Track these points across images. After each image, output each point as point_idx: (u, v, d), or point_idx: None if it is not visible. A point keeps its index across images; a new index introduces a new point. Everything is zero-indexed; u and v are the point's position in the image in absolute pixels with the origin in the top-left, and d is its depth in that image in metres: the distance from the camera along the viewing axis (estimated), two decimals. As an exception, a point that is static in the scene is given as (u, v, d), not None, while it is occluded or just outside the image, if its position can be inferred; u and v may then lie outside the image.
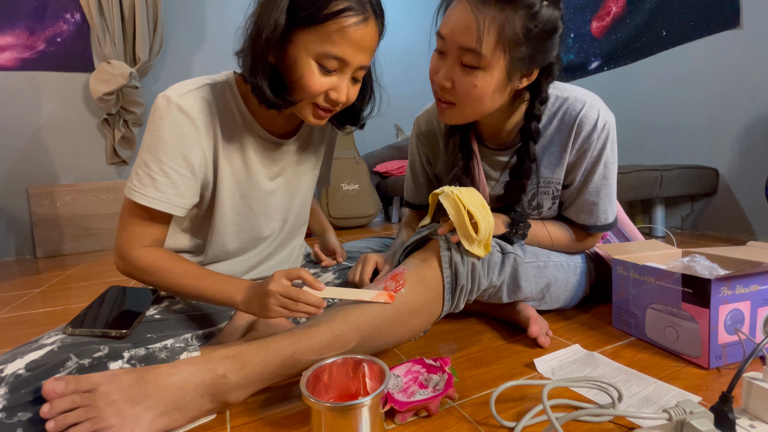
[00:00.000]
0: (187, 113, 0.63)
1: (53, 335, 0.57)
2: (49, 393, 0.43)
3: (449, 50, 0.65)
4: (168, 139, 0.62)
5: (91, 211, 2.31)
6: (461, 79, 0.65)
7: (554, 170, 0.78)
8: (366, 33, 0.60)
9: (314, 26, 0.57)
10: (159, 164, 0.62)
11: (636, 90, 2.09)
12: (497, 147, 0.81)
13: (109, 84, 2.21)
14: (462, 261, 0.66)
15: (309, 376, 0.48)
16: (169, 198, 0.63)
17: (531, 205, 0.82)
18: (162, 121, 0.62)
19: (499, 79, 0.64)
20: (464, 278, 0.66)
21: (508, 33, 0.60)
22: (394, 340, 0.64)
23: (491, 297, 0.74)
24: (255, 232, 0.77)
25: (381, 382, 0.49)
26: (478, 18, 0.59)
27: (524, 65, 0.64)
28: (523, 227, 0.76)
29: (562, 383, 0.51)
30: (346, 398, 0.52)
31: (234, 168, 0.70)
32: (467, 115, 0.70)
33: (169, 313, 0.69)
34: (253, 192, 0.73)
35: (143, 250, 0.63)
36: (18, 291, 1.44)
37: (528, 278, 0.74)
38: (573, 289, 0.83)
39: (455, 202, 0.64)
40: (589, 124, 0.72)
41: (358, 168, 2.76)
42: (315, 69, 0.60)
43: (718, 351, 0.61)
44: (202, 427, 0.53)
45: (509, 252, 0.72)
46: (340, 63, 0.60)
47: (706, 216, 1.86)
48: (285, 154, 0.76)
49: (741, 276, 0.61)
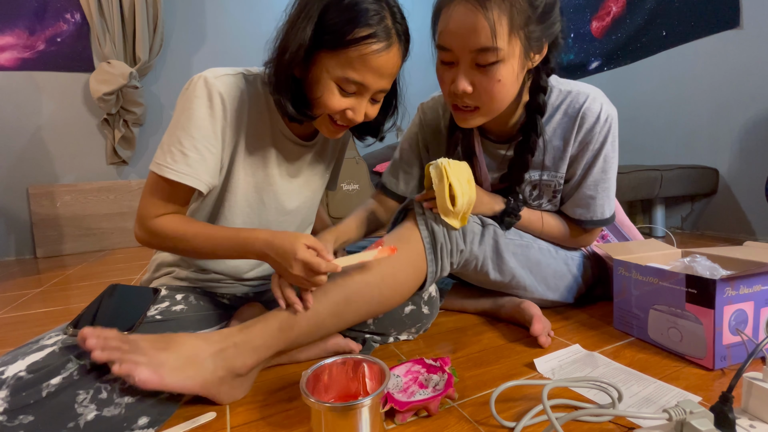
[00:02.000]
0: (221, 94, 0.64)
1: (54, 336, 0.56)
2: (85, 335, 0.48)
3: (460, 57, 0.63)
4: (202, 116, 0.63)
5: (91, 211, 2.31)
6: (482, 79, 0.63)
7: (557, 164, 0.78)
8: (388, 60, 0.60)
9: (337, 50, 0.59)
10: (192, 141, 0.63)
11: (636, 90, 2.09)
12: (499, 139, 0.81)
13: (109, 84, 2.21)
14: (436, 222, 0.68)
15: (309, 376, 0.48)
16: (200, 174, 0.64)
17: (531, 196, 0.82)
18: (198, 100, 0.63)
19: (518, 65, 0.63)
20: (441, 236, 0.68)
21: (517, 16, 0.59)
22: (386, 297, 0.66)
23: (479, 271, 0.75)
24: (262, 227, 0.77)
25: (381, 383, 0.49)
26: (486, 14, 0.58)
27: (537, 42, 0.64)
28: (510, 218, 0.77)
29: (562, 383, 0.51)
30: (346, 398, 0.52)
31: (254, 158, 0.71)
32: (492, 114, 0.70)
33: (169, 314, 0.69)
34: (268, 186, 0.74)
35: (161, 218, 0.65)
36: (18, 291, 1.44)
37: (509, 251, 0.75)
38: (568, 280, 0.83)
39: (441, 173, 0.65)
40: (593, 117, 0.72)
41: (358, 168, 2.77)
42: (335, 90, 0.61)
43: (722, 352, 0.61)
44: (203, 427, 0.53)
45: (488, 224, 0.74)
46: (359, 87, 0.61)
47: (706, 216, 1.86)
48: (302, 155, 0.77)
49: (744, 276, 0.61)
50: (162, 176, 0.62)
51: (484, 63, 0.61)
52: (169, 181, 0.62)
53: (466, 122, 0.71)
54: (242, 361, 0.56)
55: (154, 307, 0.70)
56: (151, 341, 0.53)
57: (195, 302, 0.73)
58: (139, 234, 0.66)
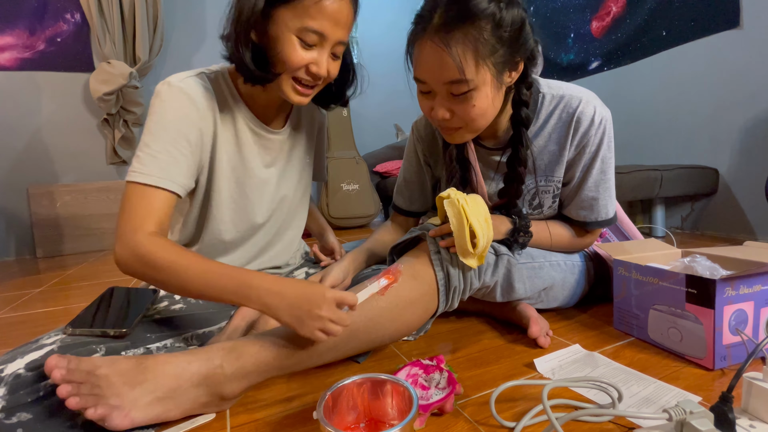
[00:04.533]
0: (188, 95, 0.65)
1: (53, 335, 0.57)
2: (51, 367, 0.44)
3: (435, 88, 0.66)
4: (170, 119, 0.63)
5: (91, 211, 2.31)
6: (458, 106, 0.66)
7: (554, 168, 0.78)
8: (341, 7, 0.62)
9: (292, 2, 0.60)
10: (161, 144, 0.62)
11: (636, 90, 2.09)
12: (494, 146, 0.81)
13: (109, 84, 2.21)
14: (452, 263, 0.67)
15: (327, 400, 0.45)
16: (173, 176, 0.62)
17: (532, 205, 0.82)
18: (164, 104, 0.64)
19: (492, 89, 0.65)
20: (456, 280, 0.66)
21: (482, 48, 0.61)
22: (389, 333, 0.64)
23: (485, 296, 0.75)
24: (251, 220, 0.78)
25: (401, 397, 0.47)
26: (449, 51, 0.60)
27: (508, 64, 0.65)
28: (524, 237, 0.76)
29: (562, 383, 0.51)
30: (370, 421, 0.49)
31: (229, 154, 0.73)
32: (477, 130, 0.71)
33: (168, 313, 0.69)
34: (248, 179, 0.75)
35: (147, 236, 0.57)
36: (18, 291, 1.44)
37: (522, 279, 0.74)
38: (571, 289, 0.83)
39: (460, 214, 0.63)
40: (587, 120, 0.73)
41: (358, 168, 2.76)
42: (296, 43, 0.62)
43: (722, 352, 0.61)
44: (202, 427, 0.53)
45: (503, 254, 0.73)
46: (319, 37, 0.63)
47: (706, 216, 1.86)
48: (277, 143, 0.79)
49: (745, 276, 0.61)
50: (135, 183, 0.60)
51: (458, 93, 0.64)
52: (143, 188, 0.59)
53: (454, 139, 0.73)
54: (231, 389, 0.52)
55: (153, 307, 0.70)
56: (124, 375, 0.46)
57: (194, 301, 0.73)
58: (122, 254, 0.57)
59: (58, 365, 0.44)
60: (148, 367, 0.48)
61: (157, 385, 0.47)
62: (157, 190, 0.60)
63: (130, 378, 0.46)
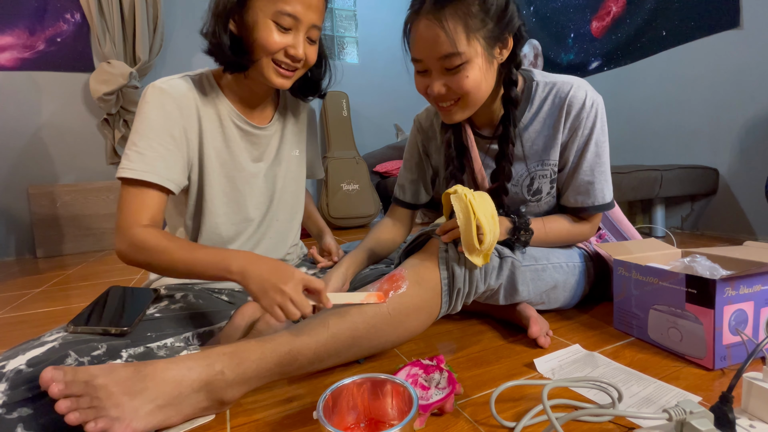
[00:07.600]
0: (170, 95, 0.69)
1: (55, 333, 0.57)
2: (47, 381, 0.43)
3: (430, 66, 0.70)
4: (154, 118, 0.67)
5: (91, 211, 2.31)
6: (452, 79, 0.69)
7: (549, 152, 0.80)
8: None
9: None
10: (146, 141, 0.66)
11: (636, 90, 2.09)
12: (490, 135, 0.83)
13: (109, 84, 2.21)
14: (459, 263, 0.67)
15: (326, 400, 0.45)
16: (159, 170, 0.66)
17: (531, 190, 0.83)
18: (148, 105, 0.67)
19: (484, 62, 0.69)
20: (461, 281, 0.67)
21: (471, 21, 0.66)
22: (392, 340, 0.64)
23: (488, 299, 0.75)
24: (244, 213, 0.81)
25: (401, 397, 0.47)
26: (442, 25, 0.65)
27: (497, 38, 0.69)
28: (525, 234, 0.76)
29: (562, 383, 0.51)
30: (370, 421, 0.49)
31: (217, 150, 0.76)
32: (472, 105, 0.74)
33: (169, 311, 0.69)
34: (238, 173, 0.78)
35: (141, 228, 0.63)
36: (18, 291, 1.44)
37: (525, 281, 0.74)
38: (572, 290, 0.83)
39: (467, 208, 0.63)
40: (578, 104, 0.76)
41: (358, 168, 2.77)
42: (272, 27, 0.66)
43: (722, 352, 0.61)
44: (202, 427, 0.53)
45: (507, 256, 0.73)
46: (293, 20, 0.66)
47: (706, 216, 1.86)
48: (263, 138, 0.82)
49: (744, 276, 0.61)
50: (126, 182, 0.64)
51: (451, 66, 0.68)
52: (133, 183, 0.64)
53: (451, 118, 0.76)
54: (231, 394, 0.52)
55: (153, 306, 0.70)
56: (123, 384, 0.46)
57: (194, 300, 0.73)
58: (120, 246, 0.64)
59: (55, 378, 0.43)
60: (147, 375, 0.47)
61: (158, 392, 0.47)
62: (147, 186, 0.65)
63: (129, 387, 0.46)
